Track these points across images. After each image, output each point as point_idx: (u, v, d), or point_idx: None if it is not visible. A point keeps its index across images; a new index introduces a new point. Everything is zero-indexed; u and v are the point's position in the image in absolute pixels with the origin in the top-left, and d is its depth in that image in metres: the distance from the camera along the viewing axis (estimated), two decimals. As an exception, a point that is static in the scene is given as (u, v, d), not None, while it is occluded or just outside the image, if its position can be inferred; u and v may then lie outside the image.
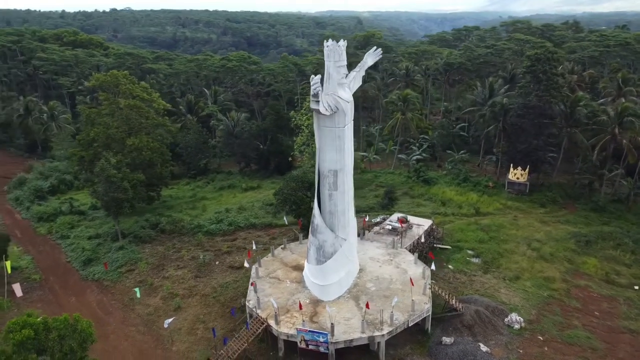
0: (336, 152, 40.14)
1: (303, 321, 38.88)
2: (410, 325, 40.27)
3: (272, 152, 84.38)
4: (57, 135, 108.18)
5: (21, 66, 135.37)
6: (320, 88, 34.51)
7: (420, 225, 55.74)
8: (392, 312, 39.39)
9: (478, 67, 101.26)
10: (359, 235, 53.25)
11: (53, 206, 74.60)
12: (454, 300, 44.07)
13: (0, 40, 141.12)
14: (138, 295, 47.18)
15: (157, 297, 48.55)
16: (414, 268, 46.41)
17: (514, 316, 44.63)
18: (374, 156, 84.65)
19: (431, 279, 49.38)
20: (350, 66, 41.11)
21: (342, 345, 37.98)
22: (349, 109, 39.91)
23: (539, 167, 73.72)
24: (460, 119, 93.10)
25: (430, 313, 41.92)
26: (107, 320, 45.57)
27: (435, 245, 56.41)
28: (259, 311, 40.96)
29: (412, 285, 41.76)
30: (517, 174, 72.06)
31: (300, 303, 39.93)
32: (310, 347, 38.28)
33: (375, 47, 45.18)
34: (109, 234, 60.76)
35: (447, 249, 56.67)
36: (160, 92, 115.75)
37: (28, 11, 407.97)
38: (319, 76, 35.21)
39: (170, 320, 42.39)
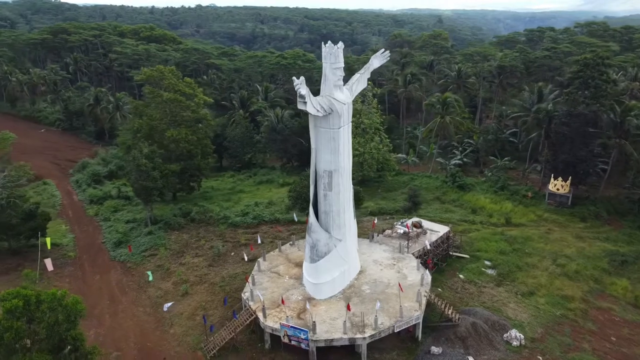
0: (331, 154, 40.59)
1: (287, 316, 39.81)
2: (396, 331, 39.97)
3: (308, 149, 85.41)
4: (121, 124, 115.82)
5: (100, 59, 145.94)
6: (302, 89, 35.11)
7: (436, 231, 54.66)
8: (375, 316, 39.36)
9: (536, 70, 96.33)
10: (368, 237, 53.43)
11: (105, 190, 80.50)
12: (450, 311, 43.14)
13: (84, 34, 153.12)
14: (150, 278, 50.36)
15: (169, 281, 51.39)
16: (415, 274, 45.81)
17: (514, 332, 42.91)
18: (413, 159, 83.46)
19: (438, 288, 48.92)
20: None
21: (322, 344, 38.50)
22: (345, 111, 40.21)
23: (585, 179, 69.46)
24: (512, 125, 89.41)
25: (420, 321, 41.31)
26: (121, 299, 48.94)
27: (451, 253, 55.14)
28: (250, 303, 42.38)
29: (402, 290, 41.35)
30: (557, 185, 68.39)
31: (282, 298, 40.91)
32: (293, 342, 39.15)
33: (383, 50, 45.04)
34: (143, 219, 64.72)
35: (464, 257, 55.19)
36: (220, 87, 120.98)
37: (122, 7, 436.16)
38: (302, 78, 35.82)
39: (169, 304, 45.05)
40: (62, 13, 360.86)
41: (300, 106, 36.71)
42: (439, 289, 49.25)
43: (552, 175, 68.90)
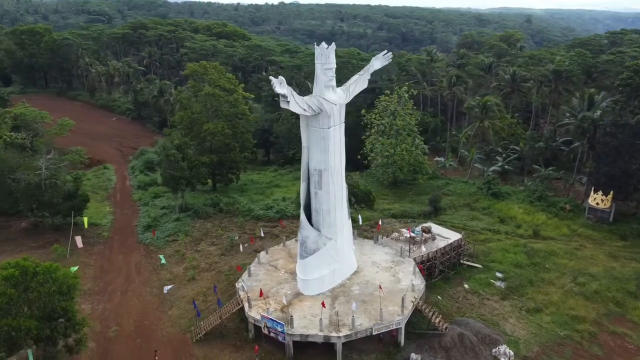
0: (321, 153, 41.24)
1: (267, 308, 41.05)
2: (374, 333, 39.98)
3: (350, 147, 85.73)
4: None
5: (172, 53, 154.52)
6: (281, 89, 35.99)
7: (446, 238, 53.44)
8: (353, 316, 39.60)
9: (599, 76, 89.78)
10: (373, 239, 53.34)
11: (153, 177, 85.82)
12: (437, 319, 42.37)
13: (160, 29, 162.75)
14: (162, 262, 53.53)
15: (181, 266, 54.35)
16: (409, 279, 45.25)
17: (503, 348, 41.33)
18: (450, 163, 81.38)
19: (438, 296, 48.07)
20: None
21: (297, 339, 39.38)
22: (336, 111, 40.65)
23: (631, 195, 64.57)
24: (564, 133, 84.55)
25: (402, 326, 40.94)
26: (134, 279, 52.52)
27: (462, 261, 53.70)
28: (241, 293, 44.05)
29: (382, 293, 41.19)
30: (597, 199, 64.12)
31: (261, 290, 42.20)
32: (272, 334, 40.36)
33: (385, 51, 44.85)
34: (176, 206, 68.49)
35: (476, 267, 53.54)
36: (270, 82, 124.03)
37: (209, 3, 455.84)
38: (281, 77, 36.66)
39: (169, 287, 47.78)
40: (154, 9, 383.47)
41: (283, 105, 37.66)
42: (439, 297, 48.34)
43: (593, 188, 64.68)
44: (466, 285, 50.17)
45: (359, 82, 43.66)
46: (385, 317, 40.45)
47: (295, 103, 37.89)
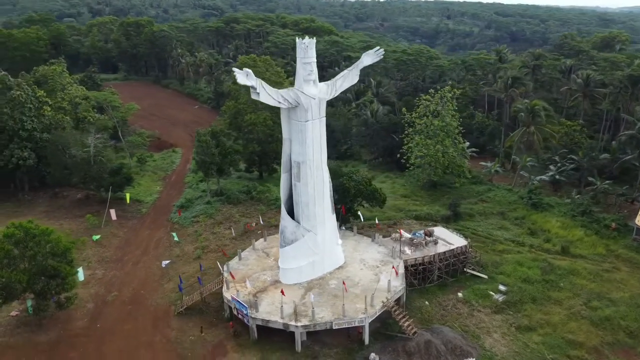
0: (299, 145, 42.06)
1: (237, 291, 42.84)
2: (334, 327, 40.19)
3: (396, 146, 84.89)
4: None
5: (257, 46, 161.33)
6: (247, 80, 37.26)
7: (449, 243, 51.50)
8: (312, 308, 40.14)
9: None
10: (369, 236, 52.90)
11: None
12: (406, 323, 41.49)
13: (250, 24, 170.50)
14: (175, 239, 57.40)
15: (193, 245, 57.91)
16: (388, 279, 44.48)
17: (471, 361, 39.52)
18: (496, 169, 77.12)
19: (425, 301, 46.92)
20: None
21: (260, 322, 40.79)
22: (314, 105, 41.18)
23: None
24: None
25: (366, 324, 40.64)
26: (149, 253, 56.97)
27: (466, 269, 51.51)
28: (225, 274, 46.27)
29: (346, 291, 41.11)
30: (643, 219, 57.81)
31: (231, 273, 43.95)
32: (240, 316, 42.17)
33: (377, 48, 44.35)
34: (207, 190, 72.58)
35: (480, 277, 51.07)
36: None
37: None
38: (247, 70, 37.85)
39: (167, 262, 51.31)
40: (264, 4, 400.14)
41: (253, 96, 39.02)
42: (426, 302, 47.08)
43: (641, 206, 58.39)
44: (460, 294, 48.18)
45: (347, 78, 43.75)
46: (349, 314, 40.44)
47: (266, 95, 39.07)
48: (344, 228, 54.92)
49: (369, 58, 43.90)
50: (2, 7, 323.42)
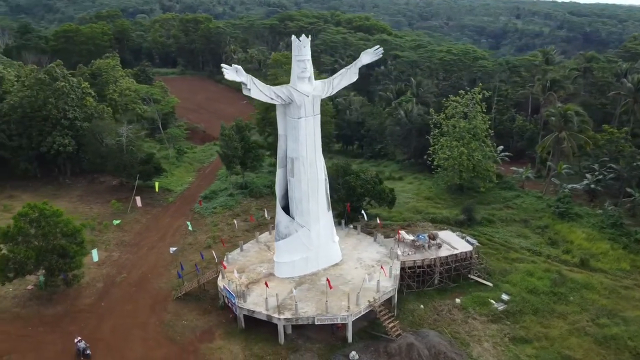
0: (293, 141, 42.70)
1: (229, 281, 44.13)
2: (316, 323, 40.64)
3: (427, 147, 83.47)
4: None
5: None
6: (237, 76, 38.28)
7: (454, 248, 50.34)
8: (296, 302, 40.74)
9: None
10: (373, 236, 52.63)
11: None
12: (391, 324, 41.22)
13: (303, 21, 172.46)
14: (190, 228, 59.61)
15: (206, 235, 59.95)
16: (379, 279, 44.17)
17: (451, 369, 38.66)
18: (528, 174, 73.98)
19: (420, 305, 46.38)
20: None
21: (246, 313, 41.89)
22: (307, 102, 41.68)
23: None
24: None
25: (349, 322, 40.75)
26: (165, 239, 59.55)
27: (470, 276, 50.22)
28: (225, 263, 47.73)
29: (330, 287, 41.29)
30: (676, 235, 53.78)
31: (223, 262, 45.22)
32: (229, 304, 43.53)
33: (377, 46, 44.12)
34: (230, 183, 74.57)
35: (485, 284, 49.63)
36: (395, 77, 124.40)
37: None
38: (237, 66, 38.82)
39: (174, 248, 53.44)
40: (327, 2, 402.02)
41: (245, 92, 40.02)
42: (421, 306, 46.45)
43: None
44: (458, 300, 47.09)
45: (345, 76, 43.91)
46: (332, 311, 40.71)
47: (258, 91, 40.01)
48: (351, 226, 55.03)
49: (367, 57, 43.85)
50: (82, 4, 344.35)
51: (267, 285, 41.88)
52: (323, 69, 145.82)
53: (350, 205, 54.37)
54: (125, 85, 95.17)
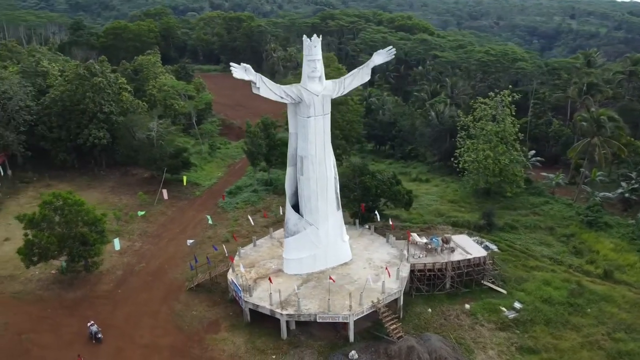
0: (302, 140, 43.18)
1: (237, 274, 45.11)
2: (318, 321, 41.02)
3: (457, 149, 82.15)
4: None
5: (348, 42, 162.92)
6: (246, 75, 39.02)
7: (468, 253, 49.49)
8: (298, 299, 41.26)
9: None
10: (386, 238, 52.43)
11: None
12: (393, 326, 41.11)
13: (344, 20, 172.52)
14: (210, 222, 61.07)
15: (226, 229, 61.32)
16: (387, 281, 44.06)
17: (451, 375, 38.18)
18: (558, 181, 71.46)
19: (428, 308, 46.03)
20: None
21: (251, 307, 42.76)
22: (317, 102, 42.03)
23: None
24: None
25: (350, 321, 40.89)
26: (187, 232, 61.27)
27: (483, 282, 49.28)
28: (236, 257, 48.81)
29: (333, 281, 41.57)
30: None
31: (231, 256, 46.17)
32: (236, 298, 44.55)
33: (389, 47, 43.98)
34: (254, 179, 75.80)
35: (498, 291, 48.60)
36: (426, 77, 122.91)
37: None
38: (246, 65, 39.54)
39: (192, 241, 54.95)
40: (374, 1, 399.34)
41: (254, 91, 40.74)
42: (429, 310, 45.98)
43: None
44: (467, 306, 46.32)
45: (357, 76, 44.02)
46: (335, 309, 40.99)
47: (267, 89, 40.68)
48: (366, 226, 55.02)
49: (380, 57, 43.85)
50: (137, 1, 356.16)
51: (270, 281, 42.56)
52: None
53: (366, 205, 54.35)
54: (164, 81, 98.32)
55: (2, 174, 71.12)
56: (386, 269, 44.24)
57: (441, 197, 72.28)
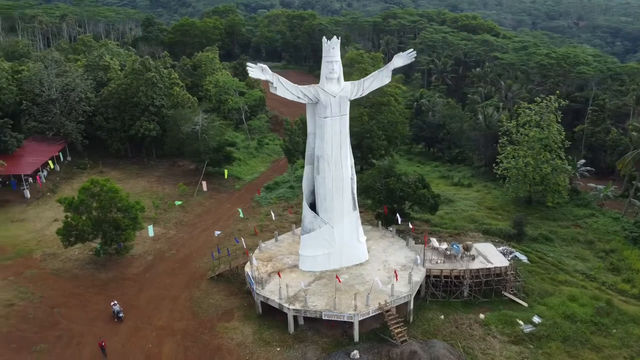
0: (319, 139, 43.84)
1: (252, 268, 46.54)
2: (324, 318, 41.61)
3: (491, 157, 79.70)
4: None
5: (408, 41, 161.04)
6: (263, 74, 40.09)
7: (488, 262, 48.25)
8: (305, 296, 42.09)
9: None
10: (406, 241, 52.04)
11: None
12: (397, 330, 41.00)
13: (406, 19, 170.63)
14: (241, 215, 63.05)
15: (255, 223, 63.08)
16: (397, 284, 43.90)
17: (450, 383, 37.64)
18: (608, 193, 67.49)
19: (441, 315, 45.60)
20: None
21: (262, 299, 44.10)
22: (334, 103, 42.52)
23: None
24: None
25: (355, 321, 41.20)
26: (219, 223, 63.73)
27: (504, 293, 47.88)
28: (257, 251, 50.39)
29: (339, 281, 41.98)
30: None
31: (247, 249, 47.52)
32: (251, 289, 46.09)
33: (410, 50, 43.56)
34: (291, 175, 77.14)
35: (519, 303, 47.10)
36: (484, 79, 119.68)
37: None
38: (259, 65, 40.56)
39: (219, 232, 57.03)
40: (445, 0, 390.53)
41: (272, 90, 41.83)
42: (442, 316, 45.37)
43: None
44: (482, 316, 45.23)
45: (377, 78, 44.04)
46: (340, 308, 41.48)
47: (284, 89, 41.64)
48: (390, 229, 54.87)
49: (400, 60, 43.59)
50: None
51: (279, 276, 43.66)
52: (417, 68, 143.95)
53: (390, 208, 54.19)
54: (219, 77, 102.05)
55: (62, 159, 76.83)
56: (395, 272, 44.00)
57: (479, 203, 70.44)
